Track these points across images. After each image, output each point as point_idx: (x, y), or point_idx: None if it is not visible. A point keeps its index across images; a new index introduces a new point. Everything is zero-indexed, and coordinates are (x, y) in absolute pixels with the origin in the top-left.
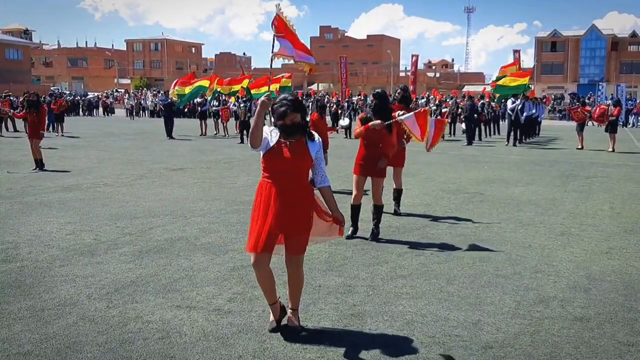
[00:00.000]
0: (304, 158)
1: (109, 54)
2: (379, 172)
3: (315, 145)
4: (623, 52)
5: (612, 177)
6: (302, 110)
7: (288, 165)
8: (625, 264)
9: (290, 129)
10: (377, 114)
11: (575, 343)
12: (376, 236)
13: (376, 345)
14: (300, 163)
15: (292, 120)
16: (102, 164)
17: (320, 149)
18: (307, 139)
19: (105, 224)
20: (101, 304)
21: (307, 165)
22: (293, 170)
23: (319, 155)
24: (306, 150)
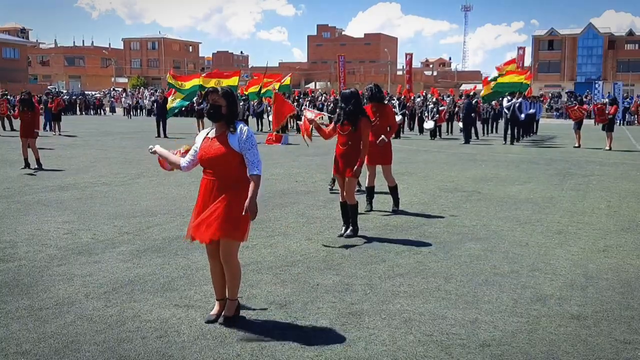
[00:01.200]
0: (224, 150)
1: (106, 52)
2: (349, 172)
3: (235, 137)
4: (620, 51)
5: (609, 176)
6: (229, 99)
7: (209, 159)
8: (622, 262)
9: (211, 110)
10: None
11: (572, 341)
12: (355, 233)
13: (374, 344)
14: (220, 156)
15: (213, 99)
16: (100, 163)
17: (247, 139)
18: (229, 132)
19: (103, 223)
20: (99, 303)
21: (228, 159)
22: (214, 162)
23: (245, 145)
24: (225, 143)
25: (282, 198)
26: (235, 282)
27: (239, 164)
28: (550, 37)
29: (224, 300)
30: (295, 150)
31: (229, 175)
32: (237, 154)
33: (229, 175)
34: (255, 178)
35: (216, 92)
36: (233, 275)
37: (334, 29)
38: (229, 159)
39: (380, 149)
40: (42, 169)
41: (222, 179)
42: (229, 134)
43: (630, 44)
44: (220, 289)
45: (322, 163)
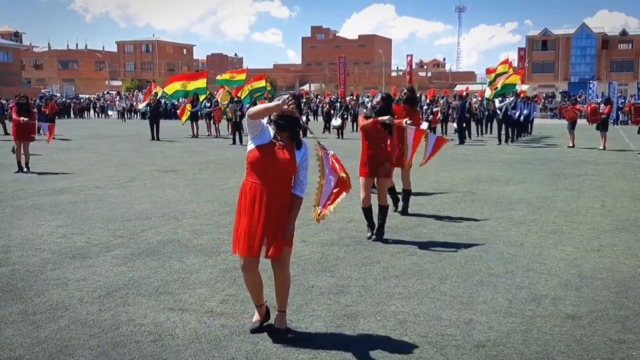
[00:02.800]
0: (290, 162)
1: (100, 55)
2: (383, 173)
3: (300, 153)
4: (613, 51)
5: (603, 175)
6: (300, 109)
7: (276, 165)
8: (617, 262)
9: (286, 122)
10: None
11: (567, 341)
12: (381, 236)
13: (369, 345)
14: (287, 166)
15: (292, 111)
16: (94, 167)
17: (307, 159)
18: (294, 145)
19: (97, 227)
20: (93, 307)
21: (291, 170)
22: (279, 171)
23: (303, 164)
24: (293, 155)
25: None
26: (288, 291)
27: (292, 177)
28: (544, 37)
29: (263, 305)
30: None
31: (287, 185)
32: (295, 168)
33: (287, 185)
34: (300, 200)
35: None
36: (287, 283)
37: (328, 31)
38: (291, 171)
39: (401, 152)
40: (31, 172)
41: (282, 188)
42: (296, 148)
43: (623, 43)
44: (259, 296)
45: (315, 165)
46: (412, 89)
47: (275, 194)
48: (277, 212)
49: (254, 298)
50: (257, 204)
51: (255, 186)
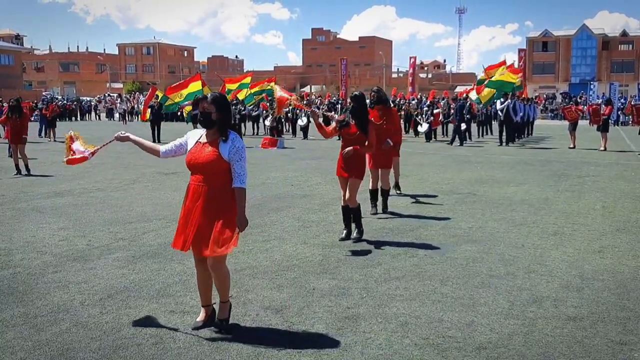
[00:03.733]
0: (215, 158)
1: (101, 58)
2: (354, 173)
3: (226, 146)
4: (614, 51)
5: (604, 176)
6: (218, 105)
7: (200, 164)
8: (618, 263)
9: (202, 117)
10: (356, 116)
11: (568, 343)
12: (361, 235)
13: (370, 348)
14: (211, 163)
15: (204, 107)
16: (95, 169)
17: (237, 151)
18: (221, 140)
19: (99, 229)
20: (94, 310)
21: (216, 166)
22: (205, 170)
23: (234, 156)
24: (216, 150)
25: (277, 202)
26: (226, 285)
27: (226, 172)
28: (544, 38)
29: (209, 306)
30: (290, 154)
31: (217, 182)
32: (225, 163)
33: (217, 182)
34: (241, 191)
35: (206, 99)
36: (222, 280)
37: (328, 32)
38: (218, 167)
39: (383, 152)
40: (31, 175)
41: (210, 185)
42: (221, 141)
43: (624, 44)
44: (206, 296)
45: (317, 166)
46: (378, 89)
47: (202, 191)
48: (209, 210)
49: (201, 297)
50: (190, 202)
51: (189, 186)
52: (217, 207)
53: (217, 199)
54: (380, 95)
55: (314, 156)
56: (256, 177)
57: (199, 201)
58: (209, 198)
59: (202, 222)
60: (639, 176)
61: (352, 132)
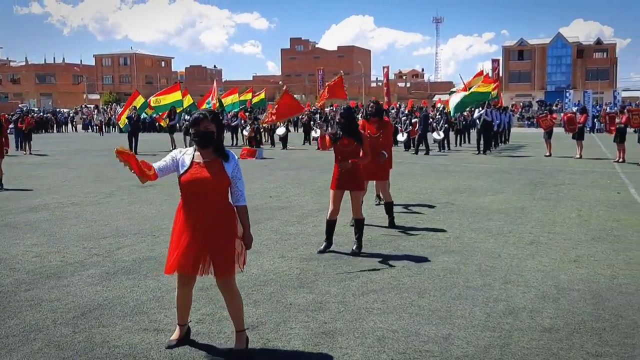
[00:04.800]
0: (220, 177)
1: (78, 69)
2: (356, 186)
3: (230, 165)
4: (588, 59)
5: (580, 184)
6: (218, 123)
7: (202, 185)
8: (593, 272)
9: (202, 137)
10: (346, 131)
11: (544, 355)
12: (359, 250)
13: None
14: (216, 183)
15: (206, 127)
16: (71, 183)
17: (239, 169)
18: (222, 160)
19: (73, 245)
20: (67, 329)
21: (222, 185)
22: (207, 191)
23: (237, 174)
24: (222, 169)
25: (255, 214)
26: (241, 310)
27: (226, 190)
28: (520, 47)
29: (185, 325)
30: (269, 165)
31: (219, 201)
32: (228, 181)
33: (219, 201)
34: (245, 209)
35: (206, 118)
36: (238, 302)
37: (307, 42)
38: (222, 186)
39: (378, 164)
40: (5, 190)
41: (213, 205)
42: (223, 161)
43: (598, 52)
44: (184, 315)
45: (297, 177)
46: (377, 102)
47: (206, 213)
48: (212, 231)
49: (179, 317)
50: (190, 225)
51: (187, 208)
52: (222, 226)
53: (222, 218)
54: (379, 108)
55: (293, 167)
56: None
57: (204, 221)
58: (214, 217)
59: (208, 242)
60: (613, 184)
61: (346, 144)
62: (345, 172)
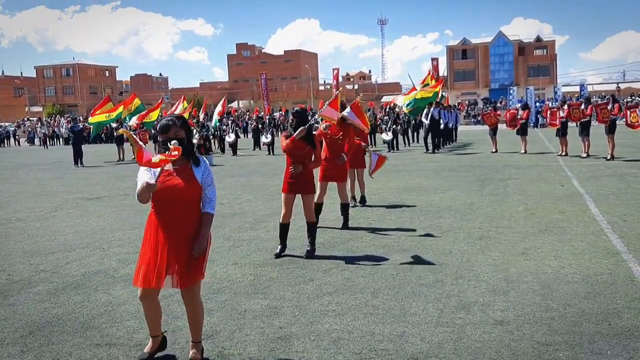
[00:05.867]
0: (191, 184)
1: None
2: (307, 190)
3: (200, 170)
4: (529, 57)
5: (526, 178)
6: (187, 129)
7: (172, 192)
8: (541, 264)
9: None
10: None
11: (496, 347)
12: (311, 254)
13: None
14: (187, 190)
15: (176, 134)
16: (14, 198)
17: (209, 174)
18: (192, 164)
19: (19, 262)
20: (14, 349)
21: (194, 192)
22: (177, 198)
23: (207, 180)
24: (192, 175)
25: None
26: (201, 323)
27: (199, 198)
28: (464, 46)
29: (158, 337)
30: (219, 171)
31: (192, 209)
32: (199, 188)
33: (192, 209)
34: (210, 217)
35: (176, 124)
36: (199, 313)
37: (253, 47)
38: (193, 193)
39: (336, 166)
40: None
41: (184, 214)
42: (193, 166)
43: (538, 49)
44: (155, 326)
45: (248, 183)
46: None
47: (177, 222)
48: (183, 241)
49: (150, 328)
50: (160, 235)
51: (157, 217)
52: (194, 234)
53: (193, 227)
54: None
55: (243, 173)
56: None
57: (175, 231)
58: (185, 226)
59: (176, 253)
60: (557, 177)
61: (299, 147)
62: (296, 175)
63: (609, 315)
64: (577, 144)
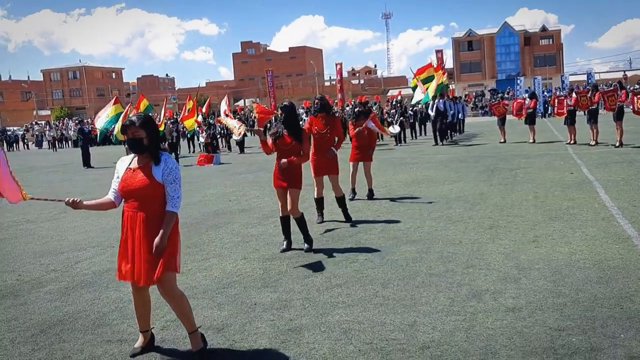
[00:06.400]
0: (150, 182)
1: (26, 85)
2: (293, 184)
3: (159, 169)
4: (535, 47)
5: (535, 167)
6: (149, 129)
7: (134, 190)
8: (552, 251)
9: (131, 144)
10: (287, 126)
11: (508, 334)
12: (309, 247)
13: (314, 358)
14: (146, 188)
15: (133, 133)
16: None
17: (171, 172)
18: (152, 163)
19: (29, 263)
20: (26, 347)
21: (151, 190)
22: (139, 196)
23: (168, 178)
24: (150, 174)
25: (216, 219)
26: (186, 311)
27: (162, 197)
28: (469, 38)
29: (148, 332)
30: (227, 169)
31: (154, 207)
32: (160, 186)
33: (154, 207)
34: (171, 215)
35: (134, 124)
36: (179, 307)
37: (258, 45)
38: (153, 191)
39: (328, 160)
40: None
41: (147, 211)
42: (153, 165)
43: (544, 39)
44: (143, 321)
45: (255, 180)
46: (322, 97)
47: (137, 219)
48: (142, 238)
49: (139, 323)
50: (127, 230)
51: (125, 214)
52: (152, 233)
53: (156, 226)
54: (324, 104)
55: (251, 170)
56: (193, 195)
57: (137, 230)
58: (147, 225)
59: (142, 250)
60: (567, 165)
61: (286, 142)
62: (284, 170)
63: (622, 300)
64: (585, 132)
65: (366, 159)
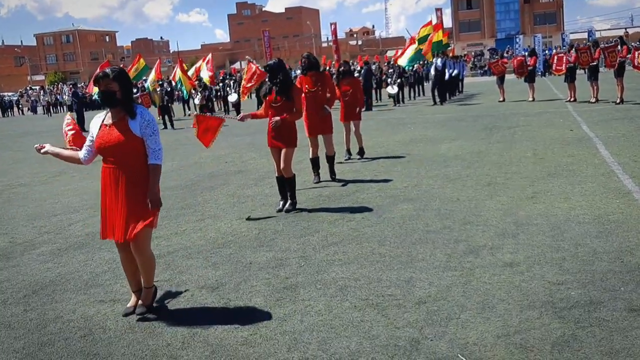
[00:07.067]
0: (127, 137)
1: (19, 50)
2: (287, 143)
3: (136, 122)
4: (535, 4)
5: (534, 125)
6: (122, 81)
7: (111, 148)
8: (551, 206)
9: (103, 97)
10: (275, 85)
11: (506, 288)
12: (292, 207)
13: (309, 315)
14: (124, 144)
15: (106, 86)
16: (18, 165)
17: (149, 124)
18: (128, 118)
19: (22, 225)
20: (17, 308)
21: (130, 145)
22: (117, 151)
23: (146, 131)
24: (127, 129)
25: (211, 180)
26: (150, 271)
27: (141, 151)
28: None
29: (139, 291)
30: (223, 131)
31: (134, 163)
32: (139, 140)
33: (134, 163)
34: (156, 167)
35: (107, 76)
36: (146, 264)
37: (253, 6)
38: (132, 146)
39: (321, 118)
40: None
41: (126, 167)
42: (129, 119)
43: None
44: (135, 281)
45: (252, 142)
46: (308, 54)
47: (116, 171)
48: (125, 193)
49: (130, 283)
50: (107, 188)
51: (104, 172)
52: (137, 190)
53: (137, 182)
54: (311, 61)
55: (247, 132)
56: (188, 158)
57: (119, 185)
58: (128, 181)
59: (122, 206)
60: (567, 122)
61: (277, 100)
62: (277, 129)
63: (622, 253)
64: (585, 90)
65: (354, 117)
